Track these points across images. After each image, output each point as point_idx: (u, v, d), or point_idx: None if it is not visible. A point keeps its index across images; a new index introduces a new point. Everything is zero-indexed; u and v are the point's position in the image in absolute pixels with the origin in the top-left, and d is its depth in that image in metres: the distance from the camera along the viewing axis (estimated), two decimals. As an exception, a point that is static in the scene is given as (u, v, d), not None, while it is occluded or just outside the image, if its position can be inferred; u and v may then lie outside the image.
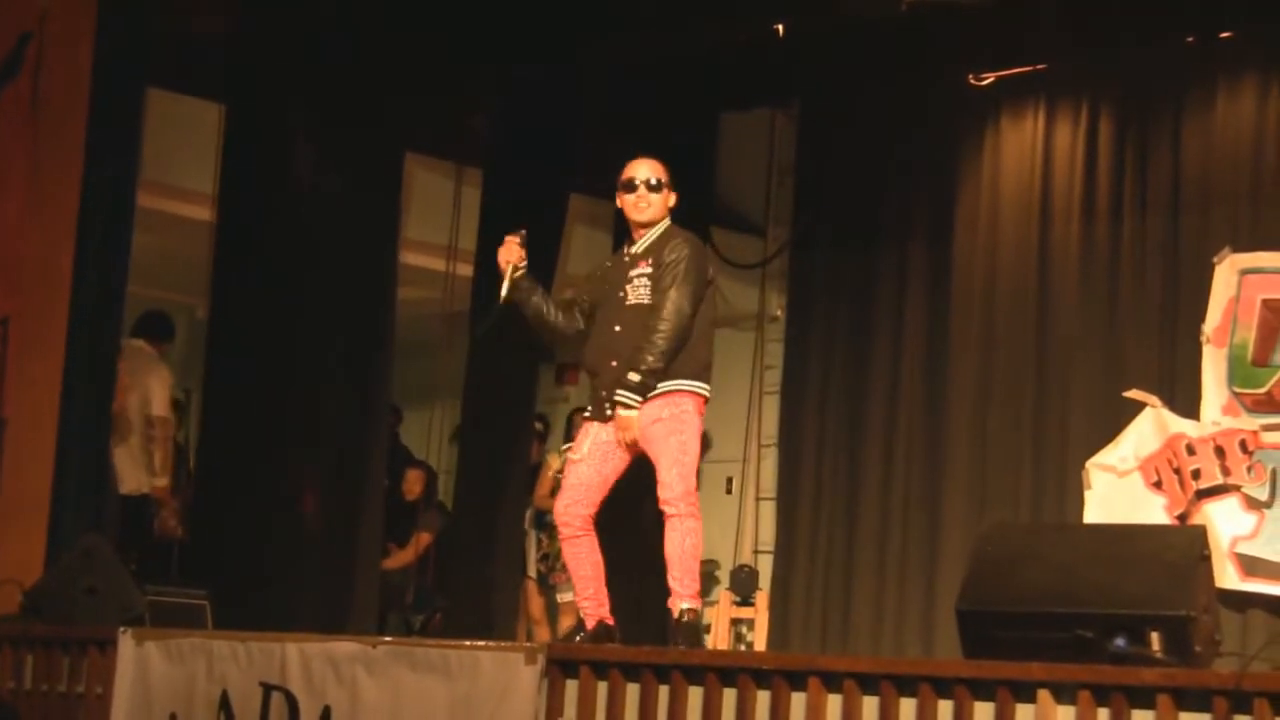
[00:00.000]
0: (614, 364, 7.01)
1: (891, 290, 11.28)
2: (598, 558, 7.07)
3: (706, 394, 7.07)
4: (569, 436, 12.50)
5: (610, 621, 7.00)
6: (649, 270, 7.07)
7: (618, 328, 7.08)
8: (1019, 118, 10.93)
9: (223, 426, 10.14)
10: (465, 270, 11.60)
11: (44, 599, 7.82)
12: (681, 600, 6.83)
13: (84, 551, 7.97)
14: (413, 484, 12.50)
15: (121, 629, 7.12)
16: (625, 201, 7.23)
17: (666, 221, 7.21)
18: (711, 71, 11.27)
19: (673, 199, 7.24)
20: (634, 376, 6.88)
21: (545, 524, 12.26)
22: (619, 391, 6.92)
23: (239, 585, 9.36)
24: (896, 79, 11.06)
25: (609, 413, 7.00)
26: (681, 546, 6.87)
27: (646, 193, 7.18)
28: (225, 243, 10.24)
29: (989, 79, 10.97)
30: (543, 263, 11.42)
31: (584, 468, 7.08)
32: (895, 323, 11.24)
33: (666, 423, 6.92)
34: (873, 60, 10.85)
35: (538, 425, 12.83)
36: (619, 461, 7.08)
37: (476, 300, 11.32)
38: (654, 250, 7.11)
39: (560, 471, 12.25)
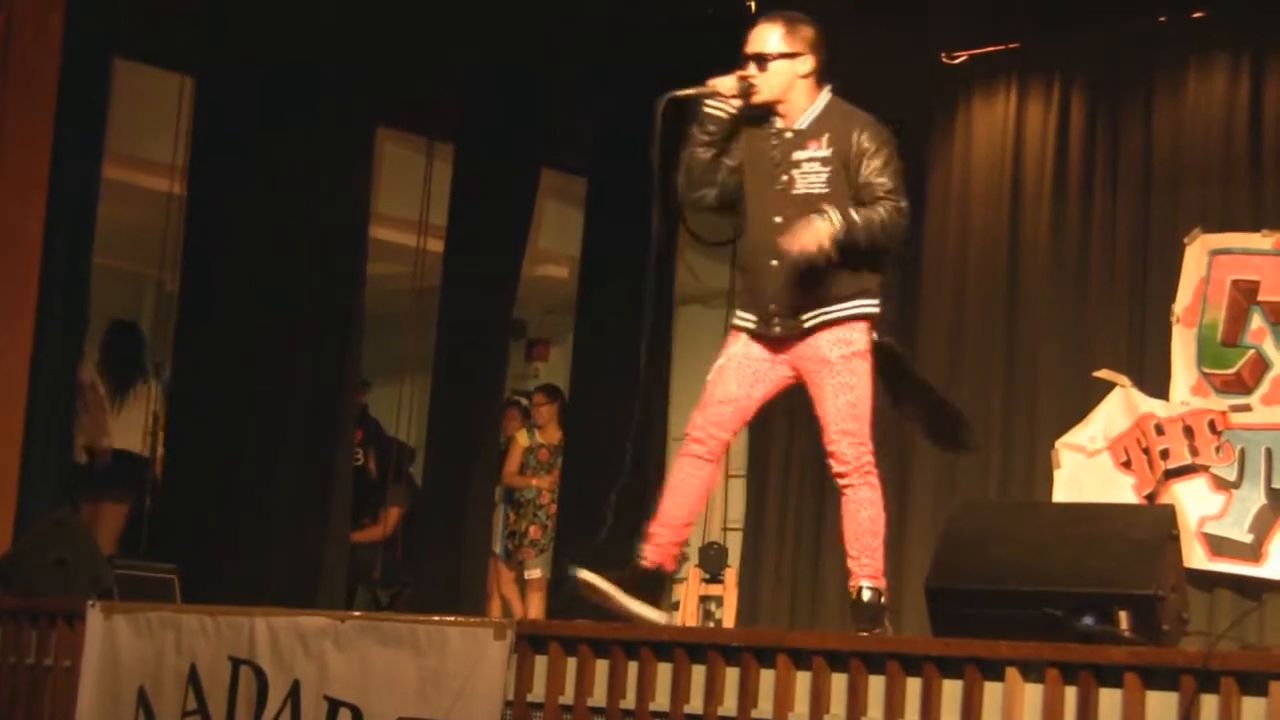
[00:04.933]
0: (775, 264, 6.06)
1: (862, 268, 11.27)
2: (706, 494, 6.27)
3: (878, 310, 6.19)
4: (528, 415, 12.53)
5: (670, 569, 6.26)
6: (823, 152, 6.10)
7: (779, 219, 6.06)
8: (991, 96, 10.92)
9: (192, 400, 10.12)
10: (436, 246, 11.59)
11: (12, 571, 7.80)
12: (859, 579, 6.14)
13: (53, 524, 7.95)
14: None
15: (90, 602, 7.10)
16: None
17: (828, 94, 6.24)
18: (682, 46, 11.23)
19: (806, 65, 6.21)
20: (844, 219, 5.88)
21: (514, 500, 12.27)
22: (823, 209, 5.91)
23: (208, 559, 9.34)
24: (869, 56, 11.04)
25: (776, 329, 6.13)
26: (857, 520, 6.13)
27: (756, 71, 6.19)
28: (195, 216, 10.22)
29: (961, 57, 10.96)
30: (514, 237, 11.47)
31: (731, 384, 6.21)
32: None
33: (837, 371, 6.09)
34: (845, 37, 10.79)
35: (522, 402, 12.83)
36: (771, 386, 6.26)
37: (447, 275, 11.31)
38: (827, 129, 6.15)
39: (529, 449, 12.31)
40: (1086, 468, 9.98)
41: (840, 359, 6.10)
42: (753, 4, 10.16)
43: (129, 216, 10.98)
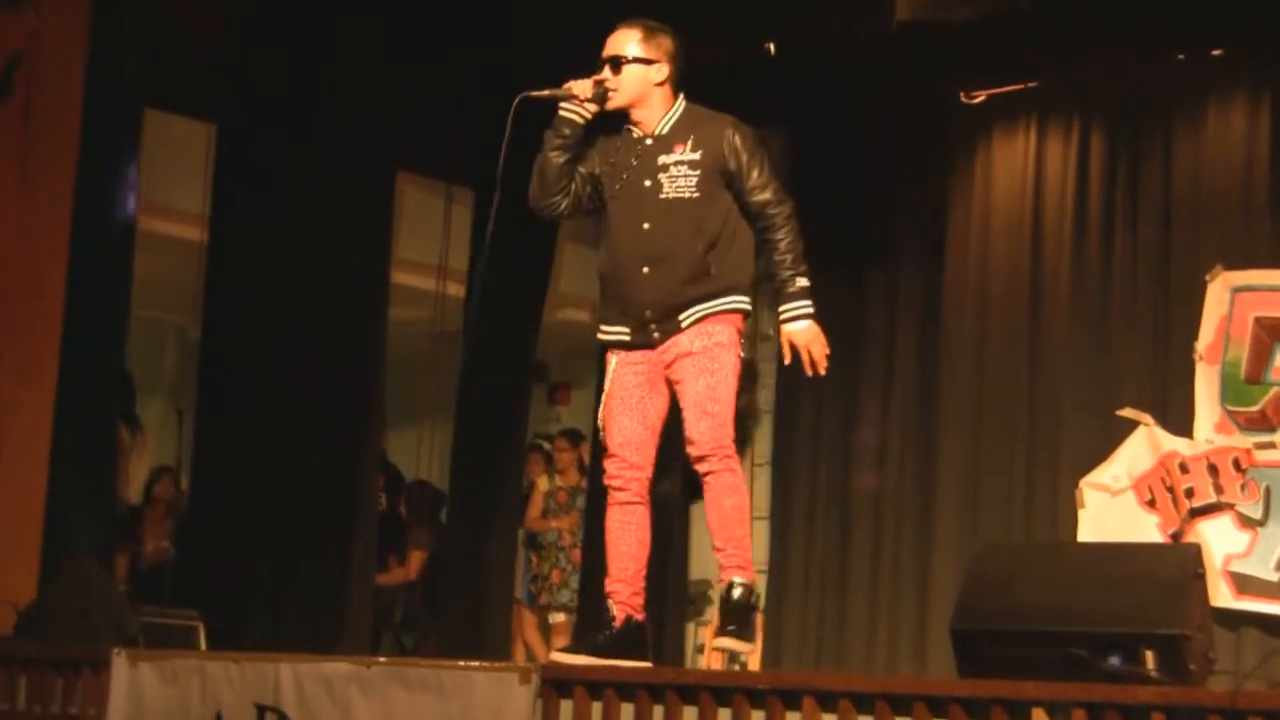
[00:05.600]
0: (646, 270, 6.00)
1: (883, 309, 11.29)
2: (646, 535, 6.15)
3: (749, 308, 6.09)
4: (551, 459, 12.51)
5: (640, 618, 6.12)
6: (691, 156, 6.01)
7: (646, 225, 6.01)
8: (1011, 135, 10.94)
9: (214, 446, 10.13)
10: (456, 290, 11.60)
11: (38, 619, 7.80)
12: (729, 572, 6.02)
13: (78, 573, 7.95)
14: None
15: (115, 649, 7.09)
16: None
17: (683, 102, 6.14)
18: (700, 90, 11.24)
19: (660, 74, 6.12)
20: (805, 282, 5.93)
21: (536, 544, 12.26)
22: (797, 304, 5.94)
23: (232, 606, 9.34)
24: (888, 97, 11.07)
25: (655, 335, 6.03)
26: (721, 508, 5.98)
27: (611, 75, 6.12)
28: (217, 262, 10.24)
29: (981, 97, 10.98)
30: (534, 281, 11.47)
31: (625, 422, 6.12)
32: (887, 341, 11.24)
33: (698, 359, 5.96)
34: (864, 78, 10.84)
35: (545, 446, 12.83)
36: (658, 411, 6.11)
37: (468, 320, 11.31)
38: (691, 132, 6.06)
39: (550, 493, 12.29)
40: (1111, 507, 9.96)
41: (702, 349, 5.99)
42: (772, 47, 10.17)
43: (151, 264, 10.99)
